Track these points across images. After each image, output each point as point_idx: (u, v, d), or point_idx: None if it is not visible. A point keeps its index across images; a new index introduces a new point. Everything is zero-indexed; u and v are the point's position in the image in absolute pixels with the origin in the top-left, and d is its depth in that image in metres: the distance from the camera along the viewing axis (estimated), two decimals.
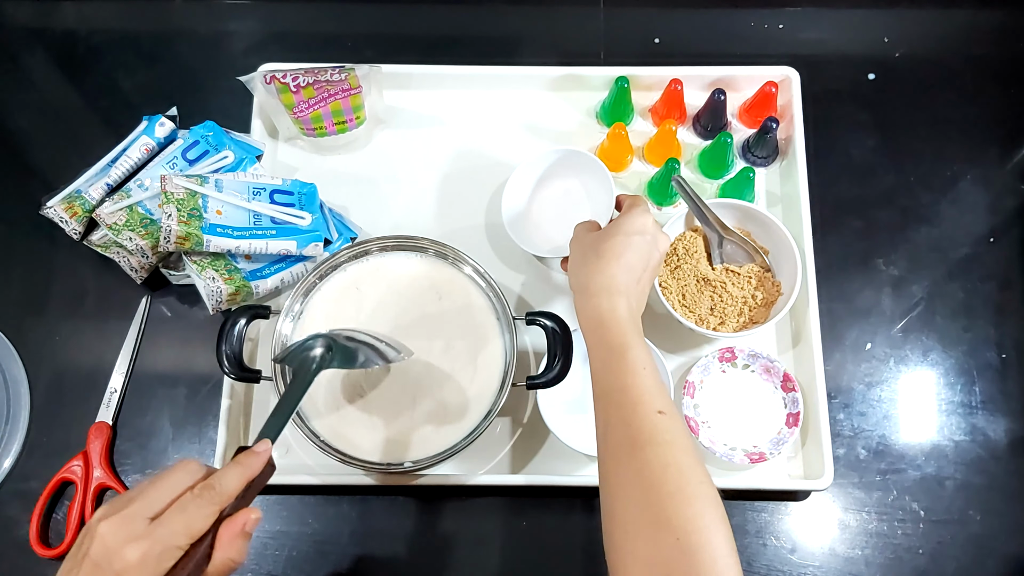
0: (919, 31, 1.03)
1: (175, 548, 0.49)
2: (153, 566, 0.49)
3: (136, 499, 0.51)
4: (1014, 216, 0.94)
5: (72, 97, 1.00)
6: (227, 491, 0.52)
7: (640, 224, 0.71)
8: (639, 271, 0.70)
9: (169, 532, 0.50)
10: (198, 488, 0.52)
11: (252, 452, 0.56)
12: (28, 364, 0.87)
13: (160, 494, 0.51)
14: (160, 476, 0.53)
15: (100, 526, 0.50)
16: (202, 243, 0.80)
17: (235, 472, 0.54)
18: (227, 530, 0.52)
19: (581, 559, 0.81)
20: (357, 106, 0.91)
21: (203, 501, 0.51)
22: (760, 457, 0.81)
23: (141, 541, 0.49)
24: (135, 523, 0.49)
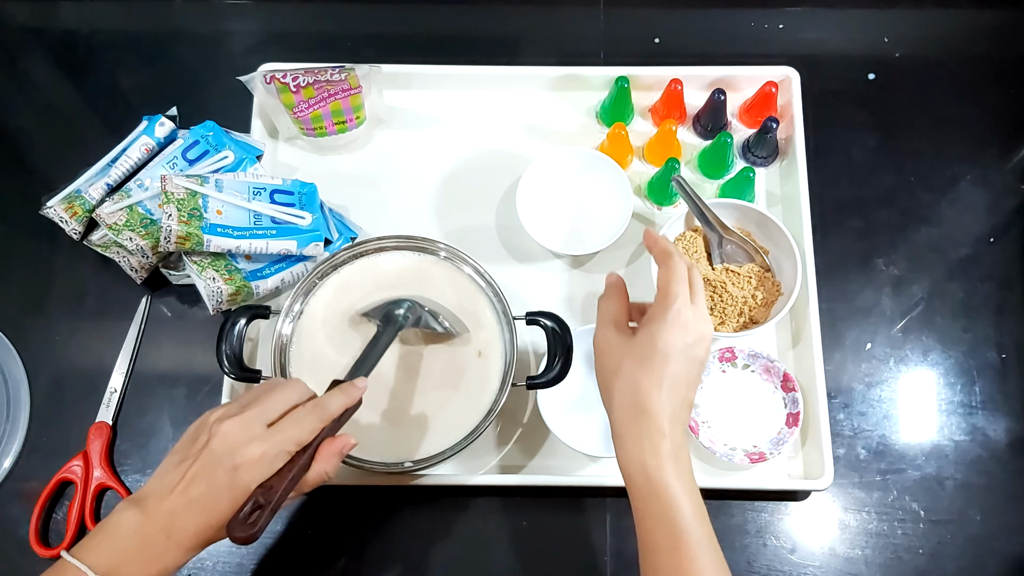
0: (919, 31, 1.03)
1: (285, 452, 0.58)
2: (268, 464, 0.57)
3: (253, 406, 0.59)
4: (1014, 216, 0.94)
5: (72, 97, 1.00)
6: (332, 411, 0.61)
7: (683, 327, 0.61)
8: (685, 389, 0.62)
9: (284, 437, 0.58)
10: (310, 404, 0.61)
11: (351, 384, 0.64)
12: (28, 364, 0.87)
13: (276, 404, 0.59)
14: (274, 388, 0.61)
15: (224, 424, 0.57)
16: (202, 243, 0.80)
17: (339, 397, 0.63)
18: (327, 447, 0.60)
19: (581, 559, 0.81)
20: (357, 106, 0.91)
21: (313, 416, 0.60)
22: (760, 457, 0.81)
23: (261, 441, 0.57)
24: (255, 425, 0.57)
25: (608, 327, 0.65)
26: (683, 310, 0.61)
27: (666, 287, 0.62)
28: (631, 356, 0.61)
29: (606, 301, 0.67)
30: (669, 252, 0.64)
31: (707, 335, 0.62)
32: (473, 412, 0.78)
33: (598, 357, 0.65)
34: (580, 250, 0.88)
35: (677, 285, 0.62)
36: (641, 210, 0.92)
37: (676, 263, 0.63)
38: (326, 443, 0.61)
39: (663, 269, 0.64)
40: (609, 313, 0.65)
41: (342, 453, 0.61)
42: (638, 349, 0.61)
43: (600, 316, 0.66)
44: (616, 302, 0.66)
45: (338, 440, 0.61)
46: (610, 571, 0.81)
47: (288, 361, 0.79)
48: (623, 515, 0.82)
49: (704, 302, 0.64)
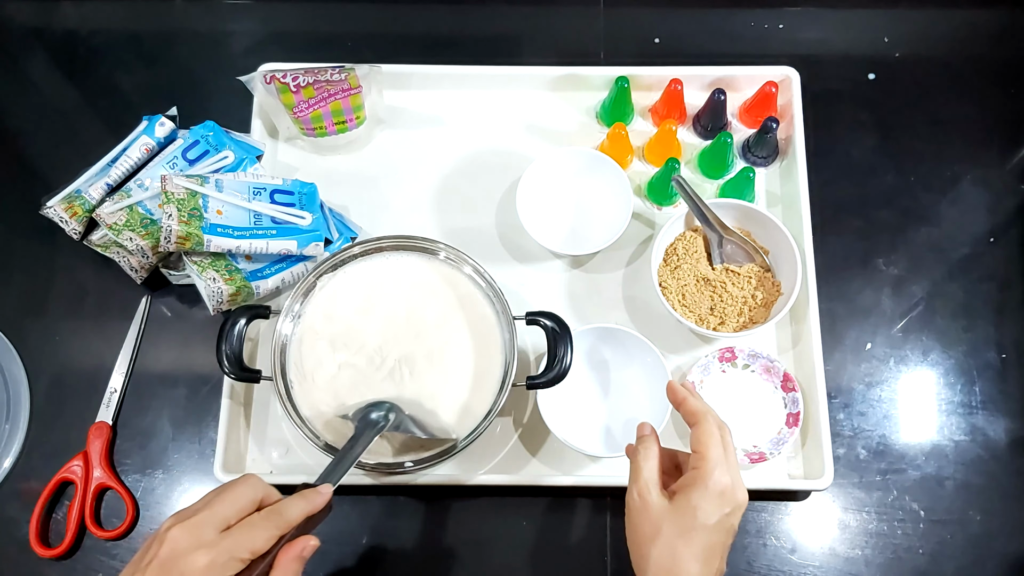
0: (919, 31, 1.03)
1: (238, 560, 0.54)
2: (217, 572, 0.53)
3: (204, 510, 0.55)
4: (1014, 216, 0.94)
5: (72, 97, 1.00)
6: (290, 518, 0.57)
7: (721, 497, 0.60)
8: (719, 560, 0.61)
9: (235, 545, 0.54)
10: (265, 511, 0.57)
11: (315, 491, 0.60)
12: (28, 364, 0.87)
13: (227, 508, 0.55)
14: (226, 490, 0.57)
15: (172, 531, 0.54)
16: (203, 243, 0.80)
17: (300, 504, 0.58)
18: (286, 553, 0.56)
19: (581, 559, 0.81)
20: (357, 106, 0.91)
21: (269, 523, 0.56)
22: (760, 457, 0.81)
23: (210, 549, 0.53)
24: (204, 531, 0.54)
25: (644, 487, 0.62)
26: (722, 477, 0.60)
27: (704, 451, 0.61)
28: (670, 524, 0.60)
29: (641, 459, 0.63)
30: (701, 411, 0.63)
31: (743, 504, 0.61)
32: (473, 412, 0.78)
33: (632, 517, 0.62)
34: (580, 250, 0.88)
35: (714, 449, 0.61)
36: (641, 210, 0.92)
37: (709, 424, 0.62)
38: (285, 548, 0.56)
39: (696, 430, 0.62)
40: (644, 473, 0.63)
41: (303, 558, 0.57)
42: (678, 518, 0.60)
43: (634, 474, 0.63)
44: (652, 460, 0.63)
45: (297, 544, 0.56)
46: (610, 571, 0.81)
47: (287, 361, 0.79)
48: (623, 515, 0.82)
49: (737, 463, 0.62)
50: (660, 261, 0.87)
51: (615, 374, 0.85)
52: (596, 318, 0.88)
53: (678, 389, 0.66)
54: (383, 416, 0.73)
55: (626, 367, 0.85)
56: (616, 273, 0.90)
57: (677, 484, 0.62)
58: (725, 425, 0.64)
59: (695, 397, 0.65)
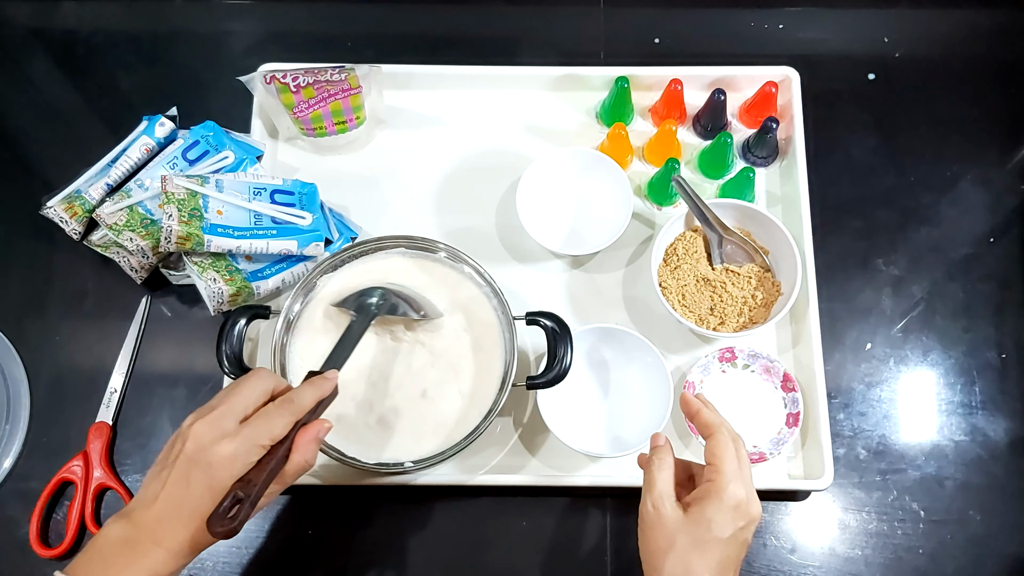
0: (919, 31, 1.03)
1: (259, 447, 0.58)
2: (242, 460, 0.57)
3: (222, 404, 0.59)
4: (1014, 216, 0.94)
5: (72, 97, 1.00)
6: (303, 405, 0.61)
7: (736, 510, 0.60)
8: (732, 573, 0.61)
9: (255, 433, 0.58)
10: (280, 400, 0.61)
11: (323, 377, 0.65)
12: (28, 364, 0.87)
13: (244, 400, 0.60)
14: (240, 384, 0.61)
15: (195, 427, 0.58)
16: (203, 243, 0.80)
17: (310, 391, 0.63)
18: (303, 436, 0.61)
19: (581, 559, 0.81)
20: (357, 106, 0.91)
21: (284, 411, 0.60)
22: (760, 457, 0.81)
23: (232, 438, 0.57)
24: (225, 423, 0.58)
25: (658, 499, 0.62)
26: (737, 491, 0.60)
27: (718, 463, 0.61)
28: (684, 536, 0.60)
29: (656, 470, 0.63)
30: (716, 423, 0.63)
31: (757, 518, 0.61)
32: (473, 412, 0.78)
33: (645, 530, 0.62)
34: (580, 250, 0.88)
35: (729, 462, 0.61)
36: (641, 210, 0.92)
37: (724, 437, 0.62)
38: (301, 432, 0.61)
39: (711, 442, 0.63)
40: (658, 484, 0.62)
41: (319, 439, 0.61)
42: (692, 530, 0.60)
43: (648, 485, 0.63)
44: (666, 471, 0.63)
45: (312, 427, 0.61)
46: (610, 571, 0.81)
47: (288, 361, 0.79)
48: (623, 515, 0.82)
49: (751, 476, 0.62)
50: (660, 261, 0.87)
51: (615, 374, 0.85)
52: (596, 318, 0.88)
53: (692, 401, 0.66)
54: (377, 300, 0.76)
55: (626, 367, 0.85)
56: (616, 273, 0.90)
57: (691, 496, 0.62)
58: (739, 437, 0.64)
59: (709, 408, 0.65)
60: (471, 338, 0.80)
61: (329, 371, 0.66)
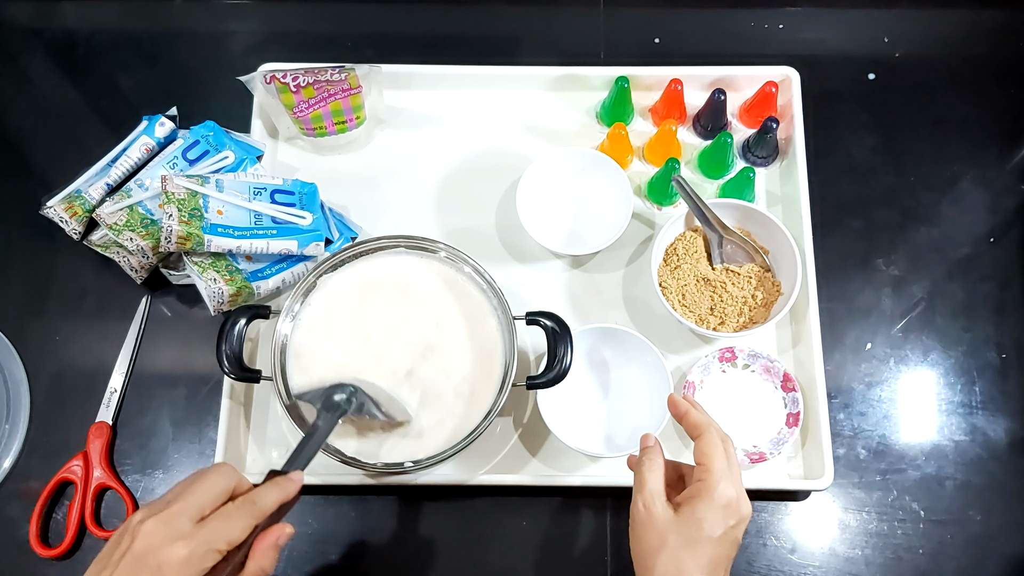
0: (919, 31, 1.03)
1: (215, 552, 0.53)
2: (195, 565, 0.52)
3: (177, 502, 0.54)
4: (1014, 216, 0.94)
5: (72, 97, 1.00)
6: (265, 507, 0.57)
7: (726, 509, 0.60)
8: (723, 572, 0.61)
9: (213, 536, 0.53)
10: (240, 500, 0.56)
11: (287, 478, 0.60)
12: (28, 364, 0.87)
13: (200, 498, 0.55)
14: (198, 479, 0.56)
15: (145, 525, 0.53)
16: (203, 243, 0.80)
17: (273, 492, 0.58)
18: (261, 542, 0.56)
19: (581, 559, 0.81)
20: (357, 106, 0.91)
21: (244, 513, 0.56)
22: (760, 457, 0.81)
23: (187, 540, 0.52)
24: (180, 523, 0.53)
25: (649, 498, 0.62)
26: (727, 489, 0.60)
27: (708, 463, 0.61)
28: (675, 535, 0.60)
29: (646, 471, 0.63)
30: (704, 423, 0.63)
31: (747, 516, 0.61)
32: (473, 412, 0.78)
33: (636, 529, 0.62)
34: (580, 250, 0.88)
35: (718, 461, 0.61)
36: (641, 210, 0.92)
37: (712, 436, 0.62)
38: (260, 537, 0.56)
39: (700, 442, 0.63)
40: (649, 484, 0.62)
41: (278, 546, 0.57)
42: (683, 529, 0.60)
43: (639, 485, 0.63)
44: (656, 471, 0.63)
45: (272, 532, 0.57)
46: (610, 571, 0.81)
47: (287, 361, 0.79)
48: (623, 515, 0.81)
49: (740, 475, 0.63)
50: (660, 261, 0.87)
51: (615, 374, 0.85)
52: (596, 318, 0.88)
53: (679, 402, 0.66)
54: (346, 399, 0.73)
55: (626, 367, 0.85)
56: (616, 273, 0.90)
57: (682, 496, 0.62)
58: (728, 437, 0.64)
59: (697, 409, 0.65)
60: (471, 338, 0.80)
61: (294, 472, 0.61)
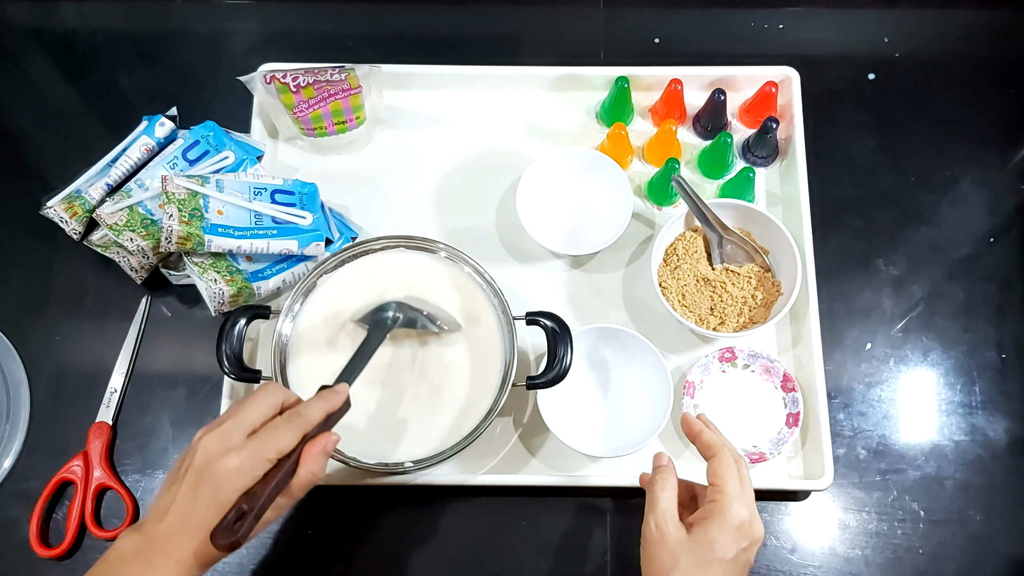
0: (919, 31, 1.03)
1: (265, 460, 0.58)
2: (248, 473, 0.57)
3: (231, 419, 0.59)
4: (1014, 216, 0.94)
5: (72, 97, 1.00)
6: (311, 418, 0.61)
7: (739, 531, 0.61)
8: None
9: (261, 446, 0.58)
10: (287, 414, 0.61)
11: (333, 390, 0.64)
12: (28, 364, 0.87)
13: (252, 414, 0.59)
14: (249, 398, 0.61)
15: (203, 440, 0.58)
16: (203, 243, 0.80)
17: (318, 404, 0.62)
18: (310, 449, 0.60)
19: (581, 559, 0.81)
20: (357, 106, 0.91)
21: (291, 424, 0.60)
22: (760, 457, 0.81)
23: (239, 451, 0.57)
24: (233, 437, 0.58)
25: (661, 519, 0.62)
26: (740, 511, 0.61)
27: (721, 484, 0.61)
28: (688, 556, 0.60)
29: (659, 490, 0.63)
30: (718, 443, 0.64)
31: (760, 538, 0.62)
32: (473, 412, 0.78)
33: (648, 549, 0.62)
34: (580, 250, 0.88)
35: (731, 482, 0.61)
36: (641, 210, 0.92)
37: (726, 457, 0.63)
38: (309, 444, 0.60)
39: (713, 462, 0.63)
40: (662, 504, 0.62)
41: (326, 452, 0.61)
42: (696, 551, 0.60)
43: (651, 504, 0.63)
44: (669, 491, 0.63)
45: (320, 439, 0.60)
46: (610, 571, 0.81)
47: (288, 361, 0.79)
48: (623, 515, 0.82)
49: (753, 496, 0.62)
50: (660, 261, 0.87)
51: (615, 374, 0.85)
52: (596, 318, 0.88)
53: (693, 422, 0.66)
54: (392, 314, 0.76)
55: (626, 367, 0.85)
56: (616, 273, 0.90)
57: (694, 516, 0.62)
58: (742, 458, 0.65)
59: (711, 429, 0.65)
60: (471, 338, 0.80)
61: (339, 384, 0.65)
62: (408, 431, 0.78)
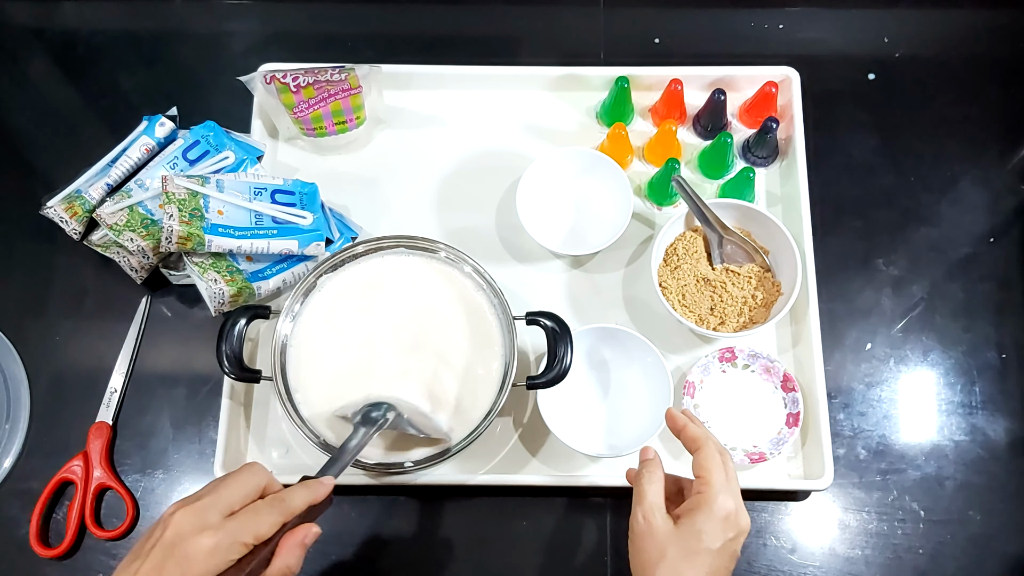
0: (919, 31, 1.03)
1: (242, 544, 0.54)
2: (221, 556, 0.53)
3: (209, 495, 0.56)
4: (1014, 216, 0.94)
5: (72, 97, 1.00)
6: (294, 506, 0.58)
7: (725, 521, 0.61)
8: None
9: (240, 529, 0.55)
10: (270, 498, 0.58)
11: (318, 482, 0.62)
12: (28, 364, 0.87)
13: (232, 494, 0.56)
14: (231, 477, 0.58)
15: (176, 516, 0.55)
16: (204, 243, 0.80)
17: (303, 492, 0.60)
18: (288, 539, 0.57)
19: (581, 559, 0.81)
20: (357, 106, 0.91)
21: (273, 510, 0.57)
22: (760, 457, 0.81)
23: (215, 532, 0.54)
24: (209, 515, 0.55)
25: (649, 511, 0.62)
26: (726, 502, 0.61)
27: (707, 476, 0.62)
28: (675, 548, 0.60)
29: (646, 483, 0.63)
30: (702, 437, 0.64)
31: (746, 529, 0.62)
32: (473, 412, 0.78)
33: (636, 541, 0.62)
34: (580, 250, 0.88)
35: (716, 474, 0.62)
36: (641, 210, 0.92)
37: (711, 450, 0.63)
38: (288, 535, 0.57)
39: (698, 456, 0.63)
40: (648, 497, 0.63)
41: (304, 545, 0.58)
42: (683, 541, 0.60)
43: (639, 497, 0.63)
44: (656, 484, 0.63)
45: (299, 530, 0.58)
46: (610, 571, 0.81)
47: (287, 361, 0.79)
48: (623, 515, 0.82)
49: (739, 488, 0.63)
50: (660, 261, 0.87)
51: (615, 374, 0.85)
52: (596, 318, 0.88)
53: (677, 416, 0.66)
54: (382, 415, 0.74)
55: (626, 367, 0.85)
56: (616, 273, 0.90)
57: (681, 508, 0.62)
58: (726, 451, 0.65)
59: (695, 423, 0.66)
60: (471, 338, 0.80)
61: (325, 477, 0.63)
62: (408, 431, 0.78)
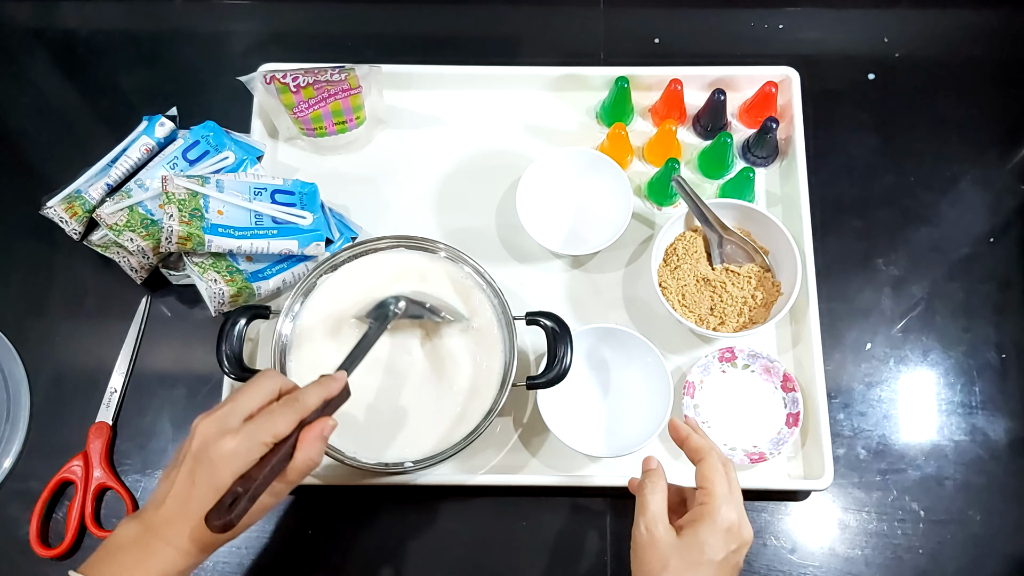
0: (919, 31, 1.03)
1: (262, 444, 0.58)
2: (243, 457, 0.57)
3: (228, 404, 0.60)
4: (1014, 216, 0.94)
5: (72, 97, 1.00)
6: (308, 404, 0.61)
7: (728, 533, 0.61)
8: None
9: (258, 430, 0.58)
10: (285, 399, 0.61)
11: (331, 377, 0.65)
12: (28, 364, 0.87)
13: (249, 400, 0.60)
14: (248, 384, 0.62)
15: (200, 425, 0.59)
16: (204, 243, 0.80)
17: (315, 390, 0.63)
18: (307, 433, 0.60)
19: (581, 559, 0.81)
20: (357, 106, 0.91)
21: (288, 409, 0.60)
22: (760, 457, 0.81)
23: (235, 435, 0.58)
24: (230, 421, 0.59)
25: (651, 521, 0.62)
26: (729, 513, 0.61)
27: (710, 487, 0.62)
28: (678, 558, 0.60)
29: (648, 493, 0.63)
30: (705, 447, 0.64)
31: (749, 541, 0.62)
32: (473, 412, 0.78)
33: (638, 551, 0.62)
34: (580, 250, 0.88)
35: (719, 485, 0.62)
36: (641, 210, 0.92)
37: (714, 460, 0.63)
38: (306, 429, 0.60)
39: (701, 466, 0.63)
40: (651, 507, 0.63)
41: (323, 437, 0.61)
42: (686, 552, 0.60)
43: (641, 507, 0.63)
44: (659, 494, 0.63)
45: (316, 424, 0.61)
46: (610, 571, 0.81)
47: (288, 361, 0.79)
48: (623, 515, 0.82)
49: (742, 499, 0.63)
50: (660, 261, 0.87)
51: (615, 374, 0.85)
52: (596, 318, 0.88)
53: (680, 427, 0.66)
54: (394, 307, 0.76)
55: (626, 367, 0.85)
56: (616, 273, 0.90)
57: (684, 519, 0.62)
58: (729, 461, 0.65)
59: (698, 434, 0.66)
60: (471, 338, 0.80)
61: (338, 372, 0.66)
62: (407, 430, 0.78)
